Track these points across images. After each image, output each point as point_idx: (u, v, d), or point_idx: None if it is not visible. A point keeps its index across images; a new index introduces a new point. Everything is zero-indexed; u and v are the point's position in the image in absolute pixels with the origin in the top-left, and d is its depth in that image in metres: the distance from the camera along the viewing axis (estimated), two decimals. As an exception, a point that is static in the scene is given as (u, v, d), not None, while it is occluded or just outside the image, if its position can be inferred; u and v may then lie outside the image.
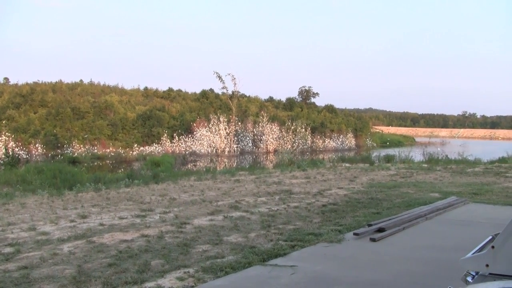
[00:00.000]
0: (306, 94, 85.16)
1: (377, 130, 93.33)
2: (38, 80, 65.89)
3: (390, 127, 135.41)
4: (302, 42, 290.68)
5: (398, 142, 78.53)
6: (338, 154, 48.28)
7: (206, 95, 68.40)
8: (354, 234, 9.25)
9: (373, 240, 8.97)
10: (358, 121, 75.87)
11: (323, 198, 14.60)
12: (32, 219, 11.44)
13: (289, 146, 54.89)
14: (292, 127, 57.25)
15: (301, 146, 56.88)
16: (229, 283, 6.48)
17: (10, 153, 32.56)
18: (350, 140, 64.75)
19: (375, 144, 70.08)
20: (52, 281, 6.63)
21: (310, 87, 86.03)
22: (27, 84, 63.36)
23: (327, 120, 68.27)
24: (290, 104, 76.47)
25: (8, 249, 8.40)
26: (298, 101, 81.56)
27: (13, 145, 40.05)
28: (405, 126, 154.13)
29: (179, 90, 73.50)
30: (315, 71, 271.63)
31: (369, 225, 9.83)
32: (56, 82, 65.58)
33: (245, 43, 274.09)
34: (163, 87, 76.70)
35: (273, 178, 20.52)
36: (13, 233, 9.84)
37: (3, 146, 38.78)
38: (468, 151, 36.39)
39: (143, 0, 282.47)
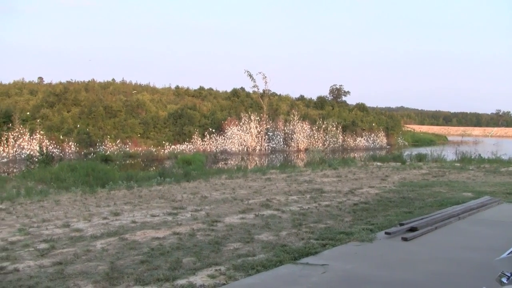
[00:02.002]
0: (337, 92, 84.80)
1: (409, 129, 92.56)
2: (71, 79, 66.89)
3: (422, 125, 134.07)
4: (334, 41, 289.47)
5: (430, 141, 77.71)
6: (370, 152, 48.07)
7: (237, 94, 68.55)
8: (386, 233, 9.18)
9: (405, 239, 8.89)
10: (390, 119, 75.30)
11: (354, 197, 14.53)
12: (66, 216, 11.62)
13: (320, 145, 54.74)
14: (323, 126, 57.13)
15: (332, 145, 56.72)
16: (260, 281, 6.49)
17: (44, 151, 32.99)
18: (381, 139, 64.36)
19: (406, 143, 69.49)
20: (85, 277, 6.72)
21: (341, 85, 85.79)
22: (60, 83, 64.22)
23: (358, 118, 67.89)
24: (321, 102, 76.27)
25: (43, 245, 8.55)
26: (329, 99, 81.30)
27: (47, 143, 40.68)
28: (437, 124, 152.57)
29: (210, 89, 73.79)
30: (346, 69, 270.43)
31: (401, 225, 9.75)
32: (89, 81, 66.41)
33: (276, 42, 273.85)
34: (194, 86, 77.29)
35: (304, 176, 20.48)
36: (47, 229, 10.01)
37: (37, 144, 39.42)
38: (502, 150, 35.76)
39: (173, 1, 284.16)
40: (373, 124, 66.90)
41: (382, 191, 15.94)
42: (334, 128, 58.19)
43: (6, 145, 39.92)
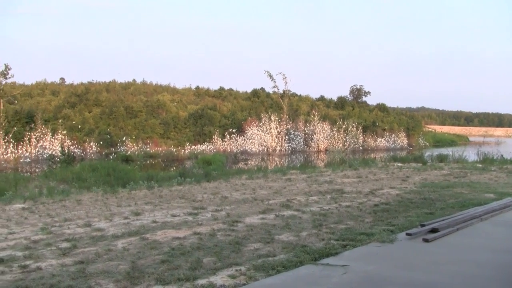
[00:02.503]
0: (357, 93, 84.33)
1: (430, 129, 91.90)
2: (93, 80, 67.68)
3: (443, 126, 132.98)
4: (354, 42, 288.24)
5: (451, 141, 77.17)
6: (390, 153, 47.86)
7: (257, 94, 68.67)
8: (407, 234, 9.12)
9: (426, 240, 8.82)
10: (410, 120, 74.87)
11: (375, 198, 14.46)
12: (87, 216, 11.72)
13: (341, 145, 54.53)
14: (344, 126, 56.94)
15: (352, 145, 56.53)
16: (280, 282, 6.48)
17: (66, 151, 33.33)
18: (402, 139, 63.97)
19: (427, 144, 69.01)
20: (107, 276, 6.76)
21: (361, 85, 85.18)
22: (82, 84, 65.06)
23: (379, 119, 67.60)
24: (341, 103, 76.06)
25: (65, 244, 8.63)
26: (350, 100, 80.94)
27: (69, 143, 41.11)
28: (458, 125, 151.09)
29: (230, 89, 73.96)
30: (366, 70, 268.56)
31: (422, 226, 9.68)
32: (110, 81, 67.12)
33: (296, 42, 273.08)
34: (214, 86, 77.59)
35: (324, 177, 20.44)
36: (69, 228, 10.11)
37: (59, 144, 39.81)
38: (525, 150, 35.39)
39: (194, 1, 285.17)
40: (394, 125, 66.53)
41: (403, 192, 15.84)
42: (355, 129, 57.99)
43: (28, 145, 40.37)
